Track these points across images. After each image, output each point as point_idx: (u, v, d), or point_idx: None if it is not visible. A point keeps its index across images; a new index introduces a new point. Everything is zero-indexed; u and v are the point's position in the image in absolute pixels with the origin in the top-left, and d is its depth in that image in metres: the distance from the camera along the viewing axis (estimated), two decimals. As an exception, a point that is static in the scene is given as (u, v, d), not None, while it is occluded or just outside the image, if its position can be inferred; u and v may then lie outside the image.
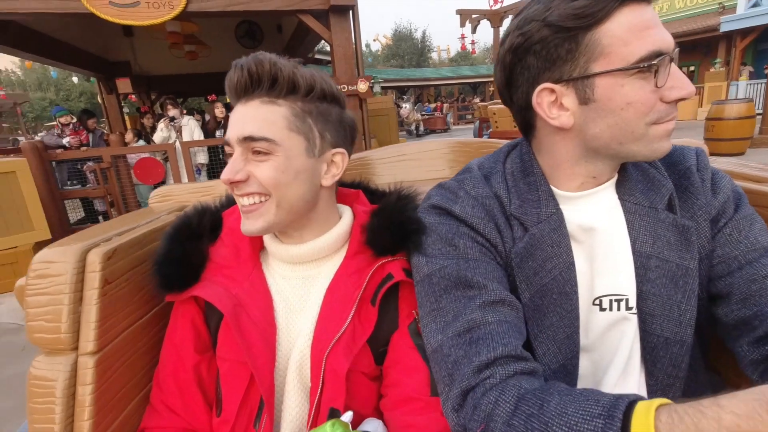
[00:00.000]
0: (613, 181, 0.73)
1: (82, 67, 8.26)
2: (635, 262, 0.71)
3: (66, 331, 0.70)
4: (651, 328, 0.70)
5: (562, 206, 0.72)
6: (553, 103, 0.66)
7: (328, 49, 6.08)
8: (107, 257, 0.75)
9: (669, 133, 0.64)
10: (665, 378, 0.71)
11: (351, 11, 4.93)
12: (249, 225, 0.73)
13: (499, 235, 0.72)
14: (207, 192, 1.18)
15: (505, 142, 0.86)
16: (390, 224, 0.77)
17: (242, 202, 0.73)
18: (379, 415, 0.74)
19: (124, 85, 9.49)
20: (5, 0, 4.29)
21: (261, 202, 0.72)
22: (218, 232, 0.84)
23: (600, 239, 0.72)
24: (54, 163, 4.90)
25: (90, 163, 5.26)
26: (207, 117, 6.64)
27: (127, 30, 7.26)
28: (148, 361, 0.83)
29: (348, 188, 0.92)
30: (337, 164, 0.78)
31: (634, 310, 0.71)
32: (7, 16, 4.66)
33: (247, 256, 0.81)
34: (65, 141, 5.50)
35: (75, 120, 6.01)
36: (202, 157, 5.92)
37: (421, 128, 18.42)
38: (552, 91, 0.66)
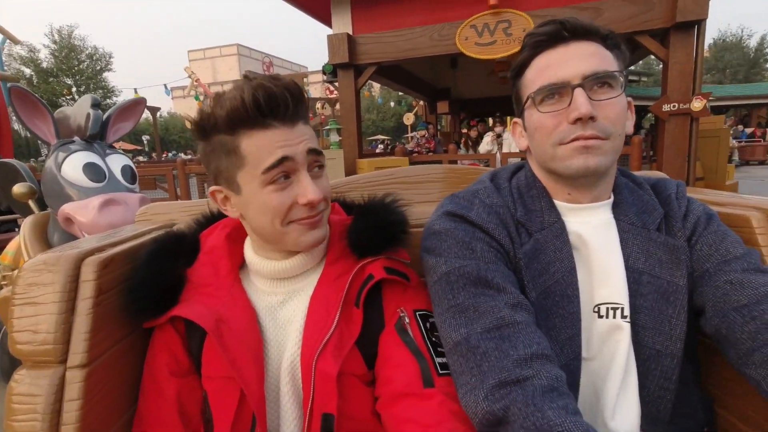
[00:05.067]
0: (610, 202, 0.80)
1: (417, 92, 10.06)
2: (628, 278, 0.75)
3: (55, 342, 0.67)
4: (643, 340, 0.74)
5: (564, 218, 0.78)
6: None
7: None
8: (103, 266, 0.73)
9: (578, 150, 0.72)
10: (657, 390, 0.74)
11: (697, 26, 4.27)
12: (317, 234, 0.76)
13: (510, 242, 0.77)
14: (194, 210, 1.16)
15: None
16: (376, 224, 0.79)
17: (315, 211, 0.74)
18: (376, 418, 0.73)
19: (442, 106, 12.07)
20: (405, 50, 5.22)
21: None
22: (196, 254, 0.84)
23: (595, 252, 0.76)
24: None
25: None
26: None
27: (453, 62, 7.96)
28: (138, 379, 0.78)
29: None
30: None
31: (629, 319, 0.75)
32: (400, 62, 5.42)
33: (226, 272, 0.81)
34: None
35: (427, 133, 8.36)
36: (516, 166, 7.61)
37: (736, 158, 14.81)
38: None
